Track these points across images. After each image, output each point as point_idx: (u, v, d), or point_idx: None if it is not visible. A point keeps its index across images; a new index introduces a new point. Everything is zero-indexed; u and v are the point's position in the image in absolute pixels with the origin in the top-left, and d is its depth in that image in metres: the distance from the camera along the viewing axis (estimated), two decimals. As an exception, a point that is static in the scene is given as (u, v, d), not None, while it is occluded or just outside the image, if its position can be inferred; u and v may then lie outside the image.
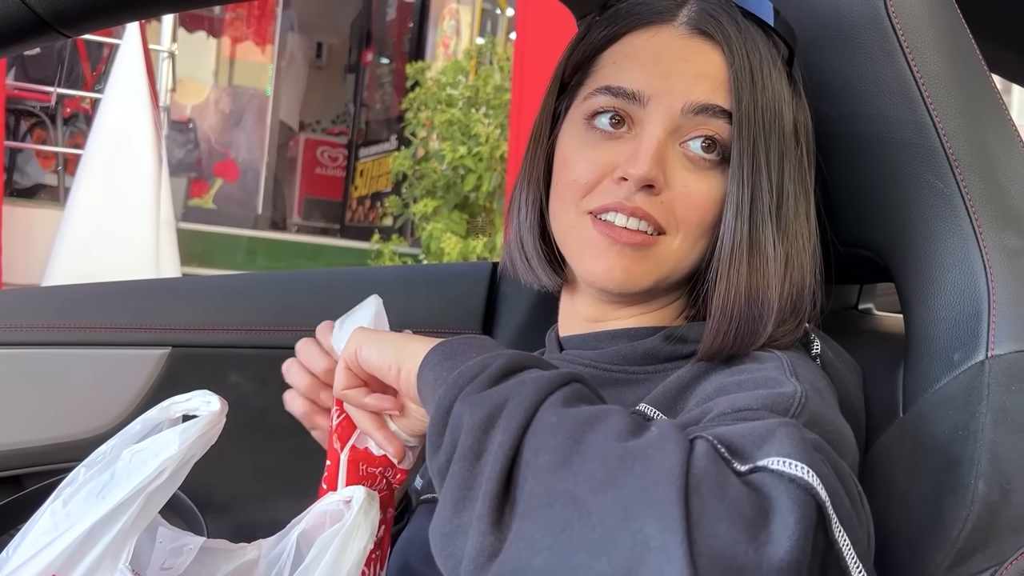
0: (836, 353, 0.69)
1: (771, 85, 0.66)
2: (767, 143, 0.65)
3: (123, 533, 0.57)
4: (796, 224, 0.67)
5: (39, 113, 4.94)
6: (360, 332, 0.62)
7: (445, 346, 0.56)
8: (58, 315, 1.02)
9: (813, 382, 0.60)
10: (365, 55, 7.43)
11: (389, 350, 0.60)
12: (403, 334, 0.62)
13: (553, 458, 0.44)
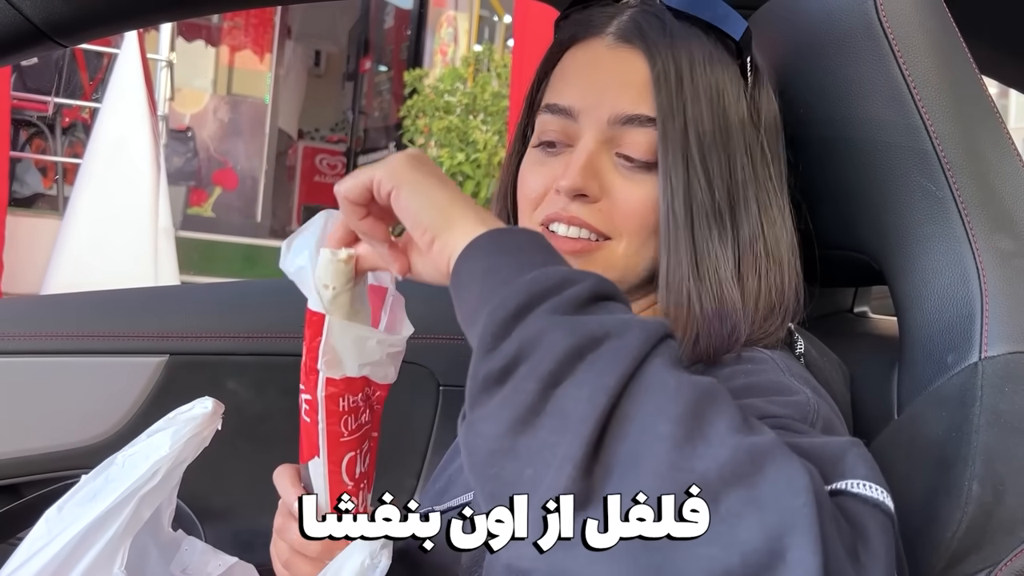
0: (821, 353, 0.69)
1: (707, 82, 0.65)
2: (701, 141, 0.64)
3: (117, 536, 0.57)
4: (760, 218, 0.66)
5: (38, 123, 4.94)
6: (403, 167, 0.53)
7: (504, 237, 0.50)
8: (56, 324, 1.02)
9: (808, 381, 0.60)
10: (363, 63, 7.44)
11: (431, 210, 0.52)
12: (447, 185, 0.54)
13: (676, 430, 0.41)
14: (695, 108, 0.65)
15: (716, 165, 0.65)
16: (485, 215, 0.53)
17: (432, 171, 0.55)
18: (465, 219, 0.52)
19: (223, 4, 0.95)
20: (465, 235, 0.51)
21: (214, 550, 0.67)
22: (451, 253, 0.52)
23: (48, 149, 5.03)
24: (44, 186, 5.31)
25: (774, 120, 0.70)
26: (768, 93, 0.70)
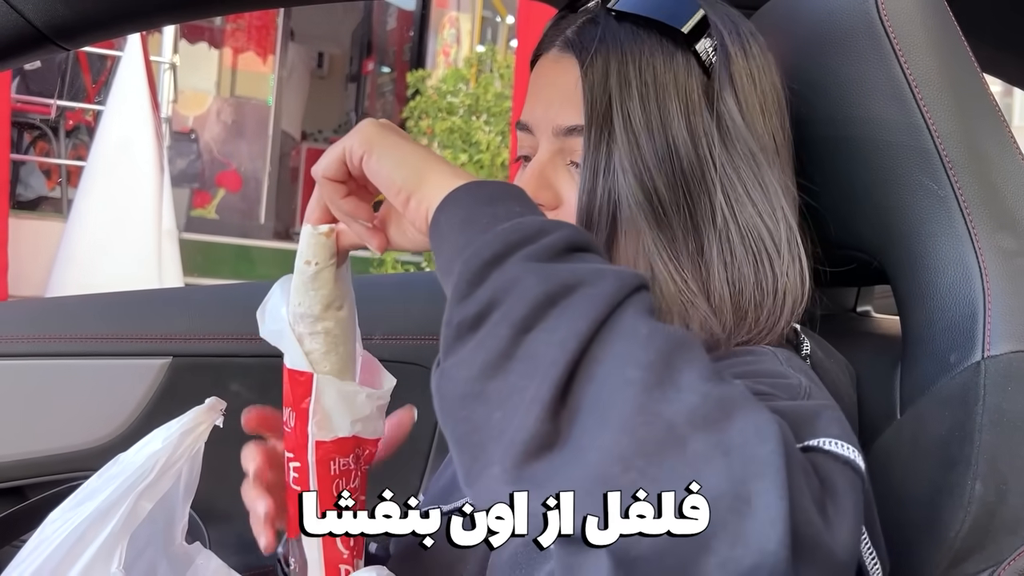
0: (827, 353, 0.69)
1: (641, 79, 0.64)
2: (630, 140, 0.63)
3: (114, 535, 0.56)
4: (726, 208, 0.63)
5: (41, 126, 4.95)
6: (372, 132, 0.54)
7: (482, 188, 0.51)
8: (59, 326, 1.03)
9: (807, 373, 0.60)
10: (366, 64, 7.45)
11: (403, 168, 0.53)
12: (419, 147, 0.55)
13: (646, 376, 0.41)
14: (624, 108, 0.64)
15: (651, 161, 0.63)
16: (458, 171, 0.53)
17: (402, 135, 0.56)
18: (440, 174, 0.52)
19: (225, 6, 0.96)
20: (441, 188, 0.51)
21: (228, 569, 0.66)
22: (428, 207, 0.52)
23: (52, 152, 5.04)
24: (48, 188, 5.33)
25: (757, 102, 0.67)
26: (748, 73, 0.67)
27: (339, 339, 0.59)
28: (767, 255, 0.64)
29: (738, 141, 0.65)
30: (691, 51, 0.65)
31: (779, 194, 0.65)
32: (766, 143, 0.66)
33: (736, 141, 0.65)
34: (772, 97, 0.68)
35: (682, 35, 0.65)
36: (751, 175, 0.65)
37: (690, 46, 0.65)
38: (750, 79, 0.67)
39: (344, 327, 0.59)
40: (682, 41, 0.65)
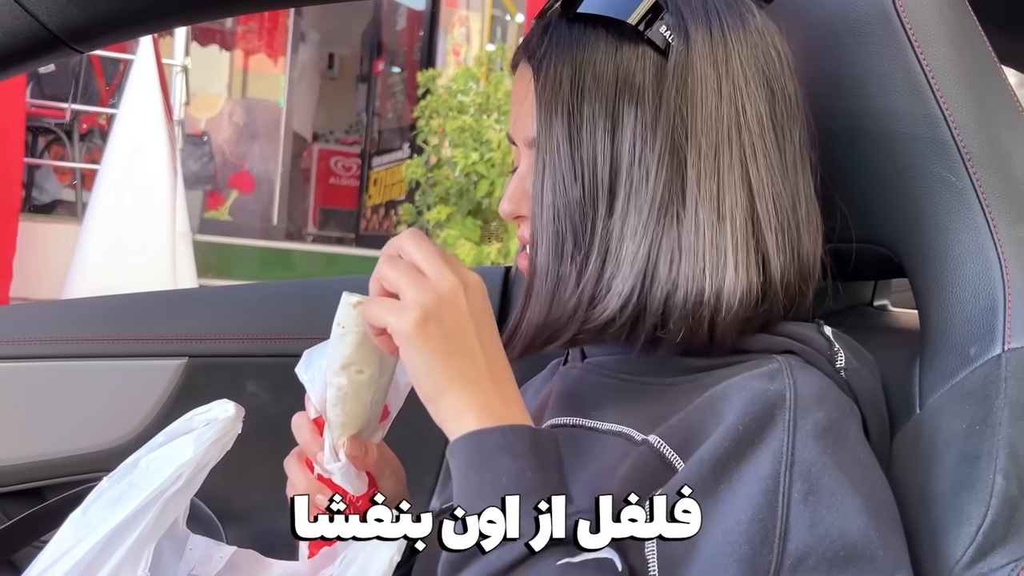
0: (858, 356, 0.65)
1: (582, 80, 0.63)
2: (587, 141, 0.62)
3: (141, 539, 0.57)
4: (671, 208, 0.61)
5: (56, 130, 4.99)
6: (414, 329, 0.56)
7: (480, 445, 0.55)
8: (76, 328, 1.03)
9: (814, 465, 0.56)
10: (376, 64, 7.47)
11: (430, 378, 0.57)
12: (448, 356, 0.57)
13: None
14: (558, 116, 0.63)
15: (567, 173, 0.62)
16: (470, 399, 0.57)
17: (445, 326, 0.58)
18: (456, 401, 0.57)
19: (237, 7, 0.96)
20: (453, 419, 0.57)
21: (215, 543, 0.68)
22: (441, 424, 0.58)
23: (66, 156, 5.07)
24: (63, 192, 5.36)
25: (729, 85, 0.63)
26: (713, 57, 0.63)
27: (348, 397, 0.64)
28: (732, 254, 0.61)
29: (687, 134, 0.62)
30: (643, 41, 0.63)
31: (734, 188, 0.62)
32: (734, 127, 0.62)
33: (681, 135, 0.62)
34: (756, 75, 0.64)
35: (629, 27, 0.63)
36: (691, 173, 0.62)
37: (641, 36, 0.63)
38: (716, 62, 0.63)
39: (358, 390, 0.64)
40: (630, 33, 0.63)
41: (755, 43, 0.65)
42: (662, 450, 0.59)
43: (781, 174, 0.64)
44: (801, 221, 0.64)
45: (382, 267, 0.60)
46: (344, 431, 0.65)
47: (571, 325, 0.63)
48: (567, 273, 0.63)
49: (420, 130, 4.71)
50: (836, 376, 0.62)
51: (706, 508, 0.55)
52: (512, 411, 0.58)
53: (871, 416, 0.63)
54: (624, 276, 0.61)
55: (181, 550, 0.67)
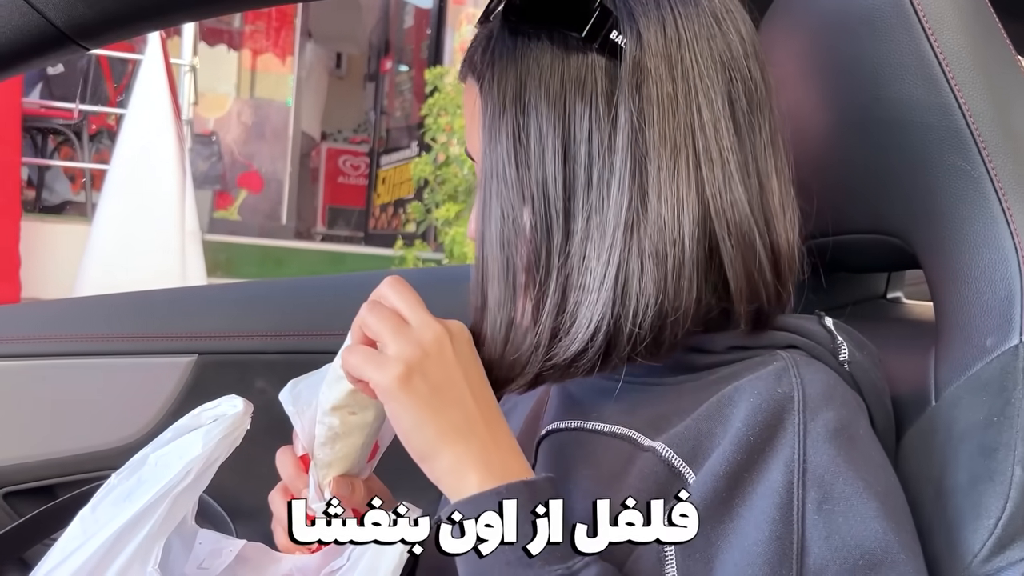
0: (861, 348, 0.64)
1: (545, 87, 0.58)
2: (536, 161, 0.58)
3: (151, 536, 0.57)
4: (636, 224, 0.57)
5: (65, 130, 5.01)
6: (396, 386, 0.55)
7: (479, 508, 0.53)
8: (85, 326, 1.03)
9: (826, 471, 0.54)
10: (384, 63, 7.47)
11: (419, 434, 0.55)
12: (435, 411, 0.55)
13: None
14: (511, 129, 0.59)
15: (539, 182, 0.58)
16: (467, 454, 0.55)
17: (431, 379, 0.56)
18: (451, 462, 0.55)
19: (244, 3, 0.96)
20: (452, 478, 0.55)
21: (224, 537, 0.68)
22: (437, 481, 0.56)
23: (76, 156, 5.09)
24: (73, 192, 5.39)
25: (684, 86, 0.58)
26: (667, 56, 0.58)
27: (339, 438, 0.62)
28: (667, 262, 0.57)
29: (647, 146, 0.58)
30: (590, 49, 0.58)
31: (693, 195, 0.58)
32: (691, 132, 0.58)
33: (640, 148, 0.58)
34: (713, 68, 0.59)
35: (574, 37, 0.58)
36: (651, 187, 0.57)
37: (589, 44, 0.58)
38: (671, 63, 0.58)
39: (350, 431, 0.62)
40: (579, 42, 0.58)
41: (711, 32, 0.60)
42: (671, 459, 0.58)
43: (742, 174, 0.59)
44: (773, 216, 0.60)
45: (364, 314, 0.58)
46: (331, 471, 0.63)
47: (531, 366, 0.59)
48: (521, 309, 0.59)
49: (428, 128, 4.71)
50: (840, 369, 0.61)
51: (723, 526, 0.53)
52: (510, 463, 0.56)
53: (876, 409, 0.62)
54: (591, 303, 0.57)
55: (190, 545, 0.67)
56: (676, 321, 0.57)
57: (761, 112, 0.61)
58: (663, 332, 0.58)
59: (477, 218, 0.62)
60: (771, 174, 0.61)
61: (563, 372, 0.59)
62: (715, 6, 0.61)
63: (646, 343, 0.58)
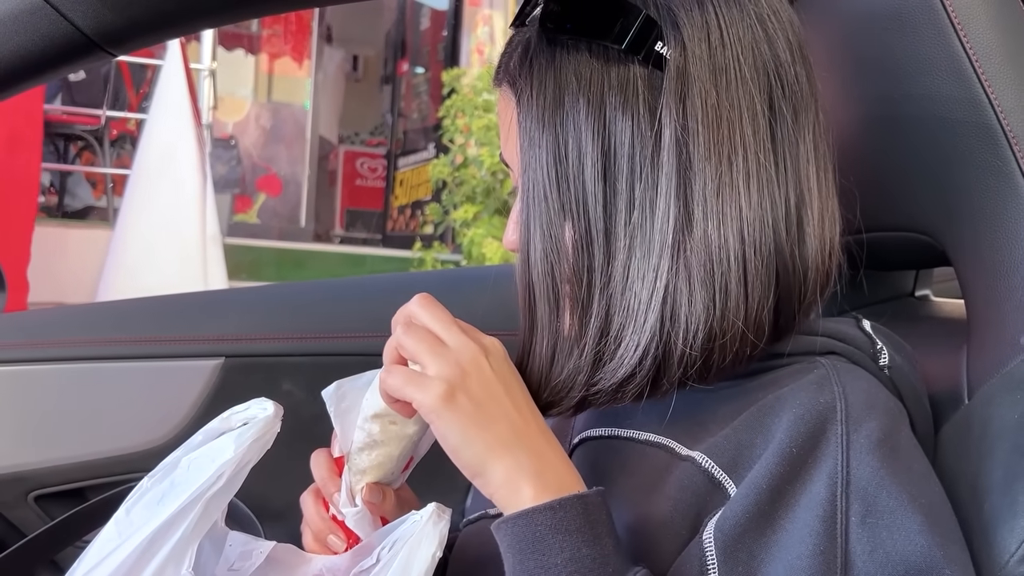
0: (899, 351, 0.63)
1: (586, 99, 0.57)
2: (575, 178, 0.57)
3: (184, 539, 0.57)
4: (682, 244, 0.56)
5: (86, 136, 5.05)
6: (441, 403, 0.54)
7: (530, 526, 0.52)
8: (114, 329, 1.04)
9: (870, 484, 0.53)
10: (400, 65, 7.48)
11: (468, 450, 0.55)
12: (480, 426, 0.55)
13: None
14: (551, 144, 0.57)
15: (580, 199, 0.57)
16: (521, 465, 0.54)
17: (474, 396, 0.55)
18: (503, 475, 0.54)
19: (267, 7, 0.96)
20: (506, 491, 0.54)
21: (253, 538, 0.68)
22: (491, 494, 0.55)
23: (97, 162, 5.14)
24: (94, 198, 5.43)
25: (730, 97, 0.57)
26: (712, 67, 0.57)
27: (377, 445, 0.63)
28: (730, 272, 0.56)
29: (691, 161, 0.56)
30: (632, 60, 0.57)
31: (737, 208, 0.56)
32: (736, 142, 0.57)
33: (685, 163, 0.56)
34: (758, 76, 0.58)
35: (616, 50, 0.57)
36: (696, 202, 0.56)
37: (632, 56, 0.57)
38: (715, 72, 0.57)
39: (389, 439, 0.62)
40: (617, 53, 0.57)
41: (756, 37, 0.58)
42: (710, 469, 0.57)
43: (781, 186, 0.58)
44: (810, 227, 0.59)
45: (400, 336, 0.58)
46: (365, 477, 0.64)
47: (575, 390, 0.58)
48: (567, 329, 0.58)
49: (446, 129, 4.72)
50: (881, 375, 0.60)
51: (766, 539, 0.53)
52: (562, 473, 0.55)
53: (916, 413, 0.61)
54: (638, 325, 0.56)
55: (220, 547, 0.67)
56: (725, 344, 0.56)
57: (805, 118, 0.60)
58: (712, 355, 0.56)
59: (516, 230, 0.61)
60: (812, 182, 0.59)
61: (610, 397, 0.58)
62: (761, 9, 0.59)
63: (697, 366, 0.56)
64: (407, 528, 0.60)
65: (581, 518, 0.53)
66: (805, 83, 0.60)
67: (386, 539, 0.61)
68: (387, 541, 0.60)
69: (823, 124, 0.61)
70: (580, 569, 0.52)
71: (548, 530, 0.52)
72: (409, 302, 0.60)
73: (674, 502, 0.56)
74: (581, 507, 0.53)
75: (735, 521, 0.53)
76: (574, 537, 0.52)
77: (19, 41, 0.74)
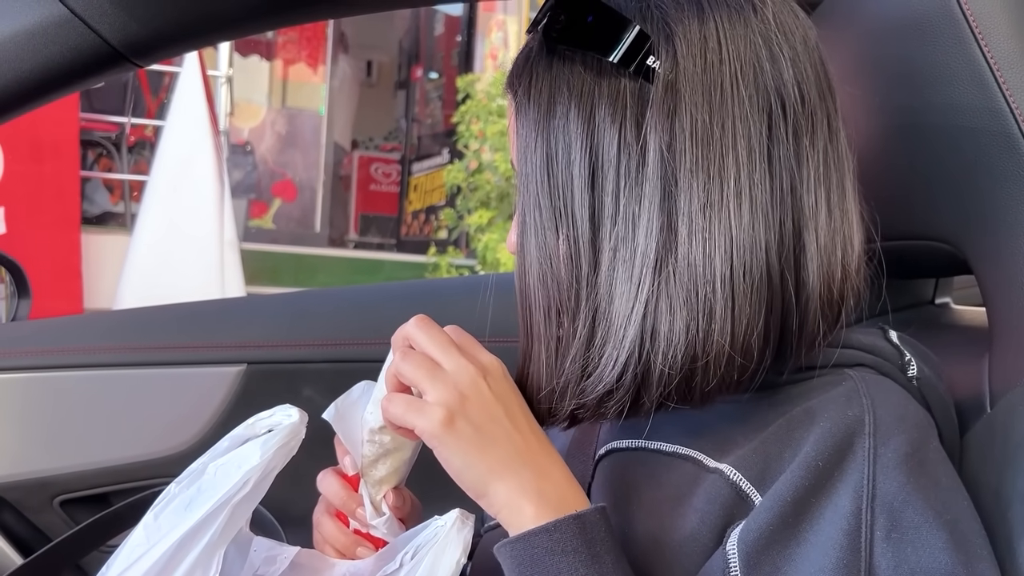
0: (926, 362, 0.62)
1: (575, 111, 0.57)
2: (563, 187, 0.57)
3: (211, 544, 0.58)
4: (665, 260, 0.55)
5: (104, 142, 5.10)
6: (441, 429, 0.55)
7: (528, 549, 0.53)
8: (138, 337, 1.06)
9: (896, 499, 0.52)
10: (414, 71, 7.51)
11: (471, 472, 0.56)
12: (481, 449, 0.56)
13: None
14: (543, 152, 0.57)
15: (568, 209, 0.57)
16: (523, 485, 0.55)
17: (474, 420, 0.56)
18: (505, 496, 0.55)
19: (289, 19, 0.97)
20: (508, 512, 0.55)
21: (278, 543, 0.69)
22: (496, 513, 0.56)
23: (115, 168, 5.18)
24: (112, 204, 5.48)
25: (721, 110, 0.55)
26: (703, 79, 0.56)
27: (390, 453, 0.64)
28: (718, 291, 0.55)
29: (677, 176, 0.55)
30: (624, 75, 0.56)
31: (729, 227, 0.55)
32: (727, 160, 0.55)
33: (670, 178, 0.55)
34: (756, 92, 0.56)
35: (608, 62, 0.56)
36: (682, 220, 0.55)
37: (624, 68, 0.56)
38: (708, 88, 0.55)
39: (400, 444, 0.63)
40: (610, 65, 0.56)
41: (758, 55, 0.57)
42: (738, 482, 0.56)
43: (779, 203, 0.56)
44: (816, 244, 0.57)
45: (398, 363, 0.59)
46: (384, 486, 0.65)
47: (567, 399, 0.58)
48: (562, 337, 0.58)
49: (461, 135, 4.73)
50: (909, 386, 0.60)
51: (789, 551, 0.52)
52: (564, 491, 0.56)
53: (943, 423, 0.61)
54: (617, 340, 0.55)
55: (245, 552, 0.68)
56: (708, 366, 0.55)
57: (812, 140, 0.57)
58: (694, 376, 0.55)
59: (516, 232, 0.61)
60: (820, 204, 0.57)
61: (594, 412, 0.58)
62: (768, 27, 0.57)
63: (677, 387, 0.55)
64: (430, 533, 0.60)
65: (578, 539, 0.53)
66: (816, 104, 0.58)
67: (409, 544, 0.61)
68: (410, 546, 0.61)
69: (839, 145, 0.59)
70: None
71: (545, 552, 0.53)
72: (407, 323, 0.61)
73: (701, 515, 0.56)
74: (578, 527, 0.53)
75: (759, 533, 0.53)
76: (571, 558, 0.53)
77: (48, 53, 0.75)
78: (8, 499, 1.04)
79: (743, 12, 0.57)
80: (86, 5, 0.74)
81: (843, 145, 0.60)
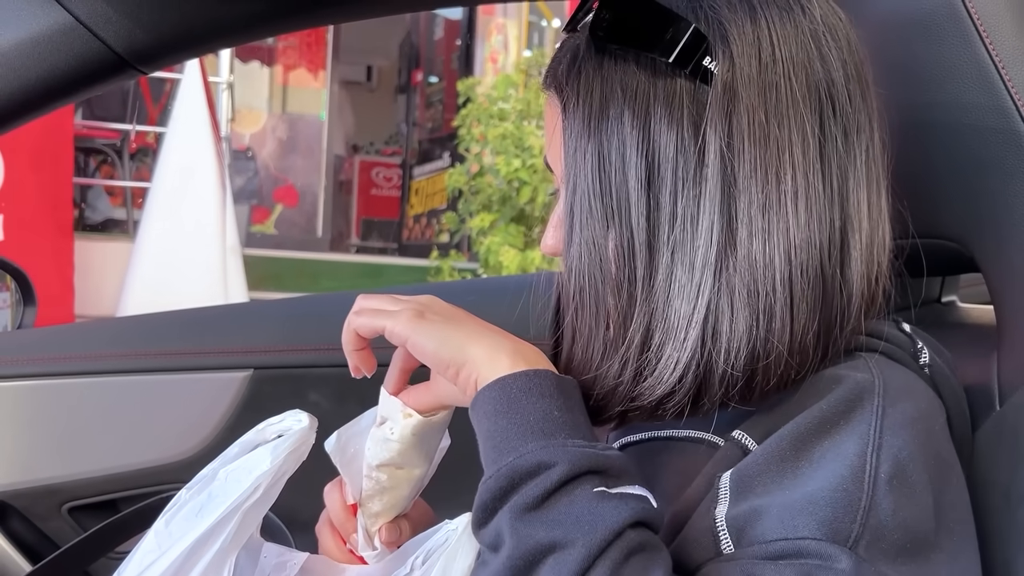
0: (939, 354, 0.62)
1: (631, 112, 0.56)
2: (618, 189, 0.56)
3: (223, 550, 0.58)
4: (725, 261, 0.55)
5: (106, 149, 5.10)
6: (410, 321, 0.57)
7: (505, 389, 0.53)
8: (144, 343, 1.06)
9: (901, 452, 0.52)
10: (414, 75, 7.52)
11: (446, 346, 0.56)
12: (455, 323, 0.58)
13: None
14: (595, 153, 0.57)
15: (624, 210, 0.56)
16: (498, 344, 0.56)
17: (439, 312, 0.59)
18: (482, 348, 0.56)
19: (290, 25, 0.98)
20: (486, 367, 0.55)
21: (287, 549, 0.69)
22: (476, 379, 0.56)
23: (116, 175, 5.18)
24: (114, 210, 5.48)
25: (776, 111, 0.56)
26: (760, 81, 0.56)
27: (387, 491, 0.64)
28: (773, 292, 0.55)
29: (736, 177, 0.55)
30: (680, 75, 0.56)
31: (786, 226, 0.55)
32: (784, 161, 0.55)
33: (729, 179, 0.55)
34: (809, 93, 0.57)
35: (662, 62, 0.56)
36: (741, 219, 0.55)
37: (681, 69, 0.56)
38: (764, 89, 0.56)
39: (397, 483, 0.64)
40: (665, 65, 0.56)
41: (810, 55, 0.57)
42: (744, 442, 0.56)
43: (829, 207, 0.57)
44: (859, 244, 0.58)
45: (352, 319, 0.61)
46: (379, 520, 0.65)
47: (615, 402, 0.57)
48: (610, 340, 0.57)
49: (462, 138, 4.74)
50: (921, 373, 0.60)
51: (781, 480, 0.52)
52: (539, 358, 0.56)
53: (955, 414, 0.61)
54: (678, 342, 0.55)
55: (256, 558, 0.68)
56: (769, 366, 0.55)
57: (858, 139, 0.58)
58: (755, 376, 0.55)
59: (555, 235, 0.61)
60: (863, 205, 0.58)
61: (650, 414, 0.58)
62: (816, 27, 0.58)
63: (739, 387, 0.55)
64: (440, 537, 0.60)
65: (555, 387, 0.54)
66: (860, 103, 0.59)
67: (420, 548, 0.61)
68: (421, 551, 0.61)
69: (878, 147, 0.60)
70: (551, 429, 0.52)
71: (522, 392, 0.53)
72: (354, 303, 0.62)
73: (708, 477, 0.56)
74: (555, 378, 0.54)
75: (752, 461, 0.53)
76: (547, 401, 0.53)
77: (53, 61, 0.76)
78: (16, 506, 1.04)
79: (792, 12, 0.58)
80: (91, 13, 0.74)
81: (879, 143, 0.61)
